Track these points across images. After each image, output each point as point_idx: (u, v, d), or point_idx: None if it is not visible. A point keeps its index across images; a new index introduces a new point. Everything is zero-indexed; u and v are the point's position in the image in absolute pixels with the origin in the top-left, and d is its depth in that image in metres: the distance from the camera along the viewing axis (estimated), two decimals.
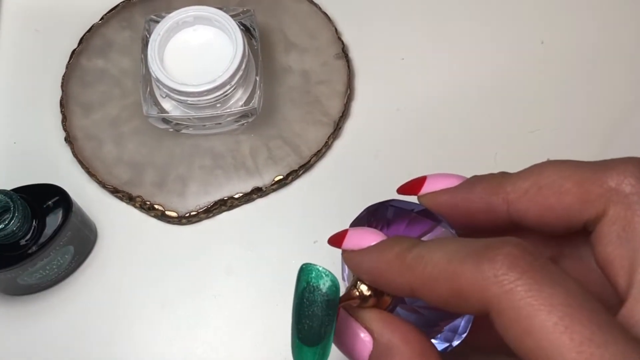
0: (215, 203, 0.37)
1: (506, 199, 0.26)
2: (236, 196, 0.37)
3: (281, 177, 0.38)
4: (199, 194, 0.37)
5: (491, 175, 0.27)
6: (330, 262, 0.35)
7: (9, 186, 0.33)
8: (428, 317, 0.26)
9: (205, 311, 0.36)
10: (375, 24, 0.42)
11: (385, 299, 0.25)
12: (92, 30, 0.41)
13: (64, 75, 0.40)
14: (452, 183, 0.28)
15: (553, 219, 0.25)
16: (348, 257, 0.26)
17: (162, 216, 0.37)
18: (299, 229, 0.37)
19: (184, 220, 0.37)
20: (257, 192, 0.38)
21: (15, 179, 0.38)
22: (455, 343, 0.26)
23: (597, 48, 0.41)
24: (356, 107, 0.40)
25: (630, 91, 0.40)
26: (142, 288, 0.36)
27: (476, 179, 0.27)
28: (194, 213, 0.37)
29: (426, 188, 0.28)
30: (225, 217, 0.38)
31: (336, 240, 0.27)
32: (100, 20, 0.41)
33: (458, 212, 0.27)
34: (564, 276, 0.22)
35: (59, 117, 0.40)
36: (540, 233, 0.26)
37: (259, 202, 0.38)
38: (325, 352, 0.24)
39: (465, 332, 0.26)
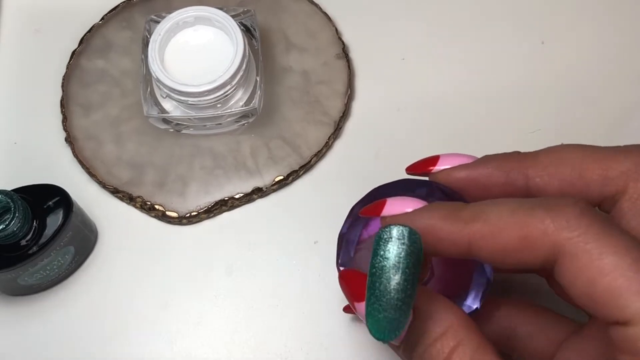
0: (216, 203, 0.37)
1: (525, 173, 0.27)
2: (237, 196, 0.37)
3: (282, 177, 0.38)
4: (200, 194, 0.37)
5: (506, 153, 0.28)
6: (331, 263, 0.36)
7: (9, 186, 0.33)
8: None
9: (205, 311, 0.36)
10: (376, 24, 0.42)
11: (421, 275, 0.25)
12: (92, 30, 0.41)
13: (64, 76, 0.40)
14: (466, 160, 0.28)
15: (573, 194, 0.26)
16: (391, 220, 0.25)
17: (162, 216, 0.37)
18: (300, 229, 0.37)
19: (184, 221, 0.37)
20: (258, 192, 0.38)
21: (16, 179, 0.38)
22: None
23: (597, 48, 0.41)
24: (357, 107, 0.40)
25: (631, 91, 0.40)
26: (143, 288, 0.36)
27: (492, 156, 0.28)
28: (195, 213, 0.37)
29: (442, 164, 0.29)
30: (225, 218, 0.38)
31: (373, 209, 0.26)
32: (100, 20, 0.41)
33: (475, 186, 0.27)
34: (622, 228, 0.22)
35: (59, 117, 0.40)
36: None
37: (260, 203, 0.38)
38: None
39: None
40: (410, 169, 0.30)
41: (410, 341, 0.24)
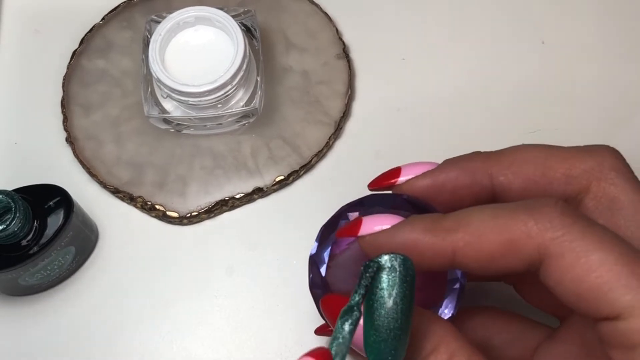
0: (216, 203, 0.37)
1: (489, 172, 0.27)
2: (237, 196, 0.37)
3: (282, 177, 0.38)
4: (200, 194, 0.37)
5: (467, 154, 0.28)
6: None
7: (10, 186, 0.33)
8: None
9: (205, 311, 0.36)
10: (376, 24, 0.42)
11: None
12: (92, 30, 0.41)
13: (64, 76, 0.40)
14: (428, 167, 0.28)
15: (536, 192, 0.26)
16: (371, 239, 0.25)
17: (163, 216, 0.37)
18: (300, 229, 0.37)
19: (185, 221, 0.37)
20: (258, 192, 0.38)
21: (16, 179, 0.38)
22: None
23: (597, 48, 0.42)
24: (357, 107, 0.40)
25: (631, 91, 0.40)
26: (143, 288, 0.36)
27: (454, 159, 0.28)
28: (195, 213, 0.37)
29: (404, 175, 0.28)
30: (226, 218, 0.38)
31: (350, 230, 0.26)
32: (101, 20, 0.41)
33: (441, 192, 0.27)
34: (603, 225, 0.22)
35: (60, 117, 0.40)
36: None
37: (260, 203, 0.38)
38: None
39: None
40: (372, 185, 0.30)
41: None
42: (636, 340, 0.21)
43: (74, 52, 0.41)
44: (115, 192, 0.38)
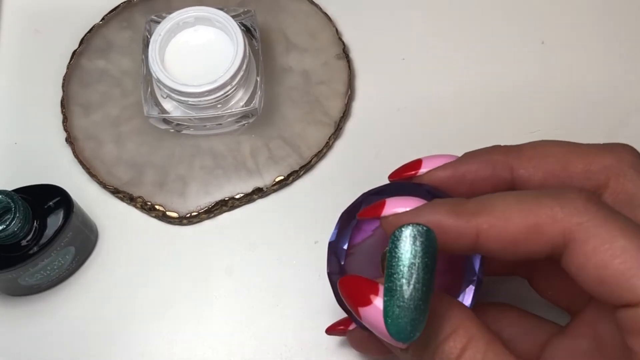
0: (216, 203, 0.37)
1: (510, 165, 0.27)
2: (237, 196, 0.37)
3: (282, 177, 0.38)
4: (200, 194, 0.37)
5: (488, 147, 0.28)
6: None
7: (9, 187, 0.33)
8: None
9: (205, 311, 0.36)
10: (376, 24, 0.42)
11: None
12: (92, 30, 0.41)
13: (64, 76, 0.40)
14: (448, 160, 0.28)
15: (556, 186, 0.26)
16: (394, 219, 0.25)
17: (162, 217, 0.37)
18: (300, 229, 0.37)
19: (184, 221, 0.37)
20: (258, 193, 0.38)
21: (16, 179, 0.38)
22: None
23: (597, 48, 0.42)
24: (357, 107, 0.40)
25: (631, 91, 0.40)
26: (143, 288, 0.36)
27: (475, 152, 0.28)
28: (195, 213, 0.37)
29: (425, 167, 0.28)
30: (226, 218, 0.38)
31: (373, 210, 0.26)
32: (100, 20, 0.41)
33: (462, 183, 0.27)
34: (624, 215, 0.23)
35: (60, 117, 0.40)
36: None
37: (260, 203, 0.38)
38: None
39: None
40: (393, 176, 0.30)
41: (420, 342, 0.24)
42: None
43: (74, 52, 0.41)
44: (115, 192, 0.38)
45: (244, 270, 0.37)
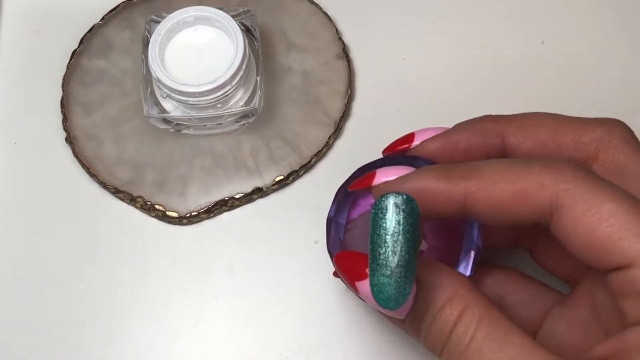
0: (216, 203, 0.37)
1: (501, 133, 0.27)
2: (237, 196, 0.37)
3: (282, 177, 0.38)
4: (200, 194, 0.37)
5: (478, 117, 0.29)
6: (331, 263, 0.36)
7: (9, 187, 0.33)
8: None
9: (205, 311, 0.36)
10: (376, 24, 0.42)
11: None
12: (92, 30, 0.41)
13: (64, 76, 0.40)
14: (440, 131, 0.29)
15: (545, 155, 0.27)
16: (384, 187, 0.26)
17: (162, 216, 0.37)
18: (300, 229, 0.37)
19: (184, 221, 0.37)
20: (258, 192, 0.38)
21: (16, 179, 0.38)
22: None
23: (598, 48, 0.42)
24: (357, 107, 0.40)
25: (631, 91, 0.40)
26: (143, 288, 0.36)
27: (465, 122, 0.29)
28: (195, 213, 0.37)
29: (418, 139, 0.29)
30: (226, 217, 0.38)
31: (364, 181, 0.27)
32: (100, 20, 0.41)
33: (454, 152, 0.28)
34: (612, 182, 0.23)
35: (60, 117, 0.40)
36: None
37: (260, 202, 0.38)
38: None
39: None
40: (387, 150, 0.30)
41: (417, 313, 0.24)
42: None
43: (74, 52, 0.41)
44: (116, 192, 0.38)
45: (244, 270, 0.37)
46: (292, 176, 0.38)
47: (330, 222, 0.29)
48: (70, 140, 0.39)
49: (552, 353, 0.22)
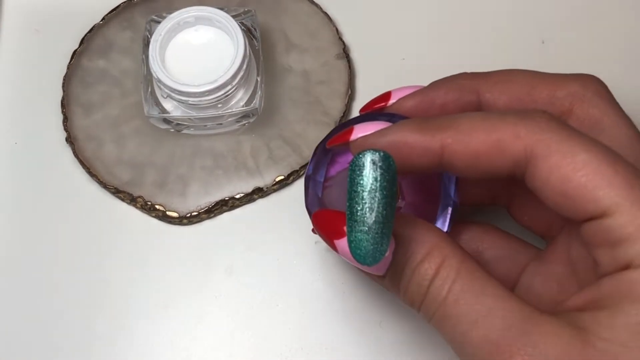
0: (217, 203, 0.37)
1: (477, 89, 0.28)
2: (237, 196, 0.37)
3: (282, 177, 0.38)
4: (200, 194, 0.37)
5: (454, 74, 0.29)
6: (331, 263, 0.36)
7: (10, 187, 0.33)
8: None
9: (205, 311, 0.36)
10: (376, 24, 0.42)
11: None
12: (93, 30, 0.41)
13: (65, 76, 0.40)
14: (417, 89, 0.29)
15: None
16: (361, 141, 0.26)
17: (163, 216, 0.37)
18: (300, 230, 0.37)
19: (185, 221, 0.37)
20: (258, 193, 0.38)
21: (16, 179, 0.38)
22: None
23: (598, 48, 0.42)
24: (357, 107, 0.40)
25: (631, 92, 0.40)
26: (143, 288, 0.36)
27: (441, 79, 0.29)
28: (195, 213, 0.37)
29: (395, 97, 0.29)
30: (226, 218, 0.38)
31: (342, 137, 0.27)
32: (101, 20, 0.41)
33: (430, 109, 0.28)
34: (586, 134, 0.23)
35: (60, 117, 0.40)
36: None
37: (260, 203, 0.38)
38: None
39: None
40: (364, 109, 0.30)
41: (397, 268, 0.25)
42: (620, 235, 0.21)
43: (74, 52, 0.41)
44: (116, 192, 0.38)
45: (244, 270, 0.37)
46: (293, 176, 0.38)
47: (309, 180, 0.29)
48: (70, 140, 0.39)
49: (528, 304, 0.23)
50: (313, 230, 0.28)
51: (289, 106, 0.39)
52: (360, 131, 0.26)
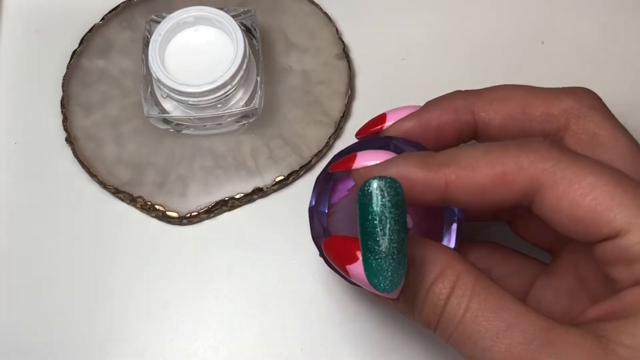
0: (216, 203, 0.37)
1: (472, 109, 0.27)
2: (237, 196, 0.37)
3: (282, 177, 0.38)
4: (200, 194, 0.37)
5: (448, 93, 0.29)
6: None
7: (10, 187, 0.33)
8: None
9: (205, 311, 0.36)
10: (376, 24, 0.42)
11: None
12: (92, 30, 0.41)
13: (64, 76, 0.40)
14: (412, 110, 0.29)
15: (515, 129, 0.27)
16: (365, 172, 0.26)
17: (163, 216, 0.37)
18: (300, 230, 0.37)
19: (184, 221, 0.37)
20: (258, 193, 0.38)
21: (16, 179, 0.38)
22: None
23: (597, 48, 0.42)
24: (357, 107, 0.40)
25: (631, 91, 0.40)
26: (143, 288, 0.36)
27: (436, 99, 0.29)
28: (195, 213, 0.37)
29: (390, 120, 0.29)
30: (226, 218, 0.38)
31: (344, 164, 0.27)
32: (101, 20, 0.41)
33: (427, 131, 0.28)
34: (588, 156, 0.23)
35: (60, 117, 0.40)
36: None
37: (260, 203, 0.38)
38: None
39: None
40: (360, 133, 0.30)
41: (410, 290, 0.24)
42: (636, 252, 0.21)
43: (74, 52, 0.41)
44: (116, 192, 0.38)
45: (244, 270, 0.37)
46: (292, 176, 0.38)
47: (312, 211, 0.30)
48: (70, 140, 0.39)
49: (546, 317, 0.23)
50: (320, 254, 0.28)
51: (289, 106, 0.39)
52: (362, 159, 0.26)
